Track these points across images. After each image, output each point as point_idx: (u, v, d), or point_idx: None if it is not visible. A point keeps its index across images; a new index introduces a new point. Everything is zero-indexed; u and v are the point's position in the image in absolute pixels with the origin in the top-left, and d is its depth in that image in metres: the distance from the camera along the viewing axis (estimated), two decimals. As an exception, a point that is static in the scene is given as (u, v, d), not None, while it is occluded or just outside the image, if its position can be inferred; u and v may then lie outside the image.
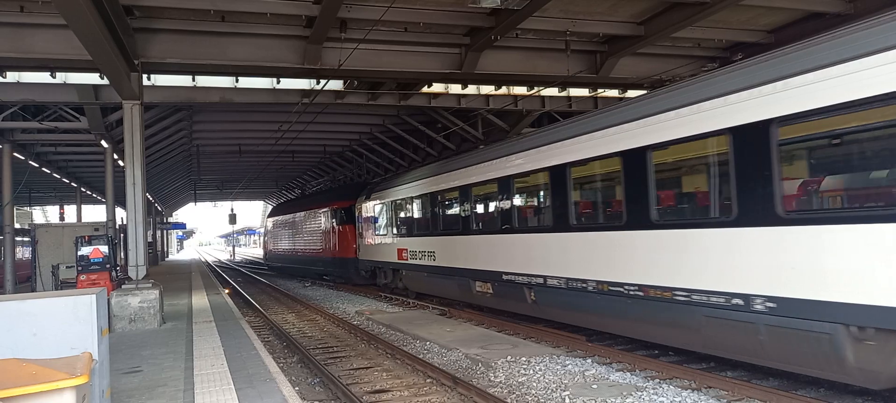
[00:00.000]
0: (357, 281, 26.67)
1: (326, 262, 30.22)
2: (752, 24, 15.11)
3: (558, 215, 11.59)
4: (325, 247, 30.23)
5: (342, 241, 27.87)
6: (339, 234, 28.22)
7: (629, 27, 14.90)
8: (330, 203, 29.95)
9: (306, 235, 33.89)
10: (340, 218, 28.27)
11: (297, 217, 36.45)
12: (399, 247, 20.24)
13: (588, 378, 9.57)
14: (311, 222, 33.02)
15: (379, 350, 12.81)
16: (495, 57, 15.98)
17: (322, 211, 30.97)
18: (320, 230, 30.90)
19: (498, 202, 13.70)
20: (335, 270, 28.97)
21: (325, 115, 24.51)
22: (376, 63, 15.49)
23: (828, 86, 6.89)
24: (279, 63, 14.99)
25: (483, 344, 11.96)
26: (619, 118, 10.18)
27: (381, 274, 22.95)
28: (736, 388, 8.70)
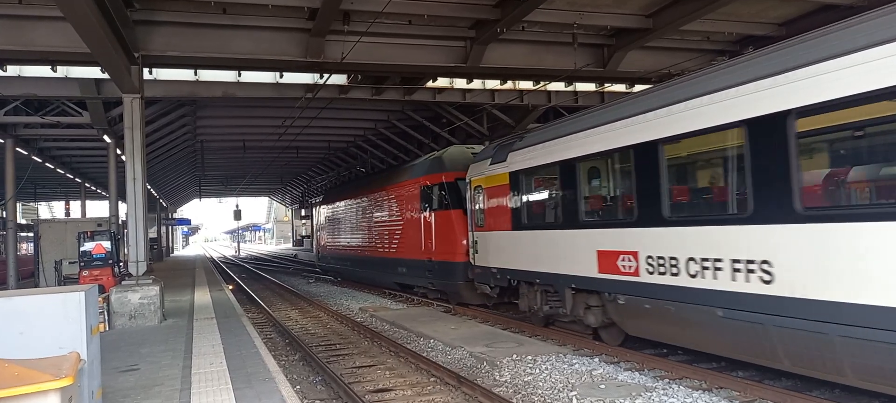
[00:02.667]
0: (470, 299, 16.26)
1: (413, 268, 19.09)
2: (763, 16, 14.82)
3: None
4: (410, 245, 19.29)
5: (442, 236, 17.23)
6: (437, 225, 17.48)
7: (638, 20, 14.64)
8: (418, 178, 18.89)
9: (377, 227, 22.70)
10: (438, 199, 17.58)
11: (361, 202, 24.82)
12: (606, 249, 10.31)
13: (595, 377, 9.34)
14: (383, 208, 21.93)
15: (382, 348, 12.61)
16: (501, 50, 15.74)
17: (403, 190, 20.02)
18: (401, 219, 20.20)
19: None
20: (429, 280, 18.08)
21: (328, 111, 24.33)
22: (380, 56, 15.28)
23: None
24: (282, 56, 14.80)
25: (488, 342, 11.74)
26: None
27: (530, 294, 12.96)
28: (748, 388, 8.47)
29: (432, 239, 17.63)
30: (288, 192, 79.26)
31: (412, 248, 19.02)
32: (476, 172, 15.09)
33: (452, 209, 16.96)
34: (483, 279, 14.82)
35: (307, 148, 37.52)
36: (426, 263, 18.04)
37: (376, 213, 22.78)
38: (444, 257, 17.02)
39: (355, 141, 34.77)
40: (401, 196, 20.16)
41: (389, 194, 21.31)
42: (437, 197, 17.54)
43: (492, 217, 14.18)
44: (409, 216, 19.46)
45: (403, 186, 20.11)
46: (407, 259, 19.61)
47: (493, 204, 14.10)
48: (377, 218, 22.64)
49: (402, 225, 20.02)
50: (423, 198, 18.22)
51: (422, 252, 18.27)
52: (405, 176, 20.45)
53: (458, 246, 16.36)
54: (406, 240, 19.60)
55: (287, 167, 49.70)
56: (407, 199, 19.59)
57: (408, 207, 19.58)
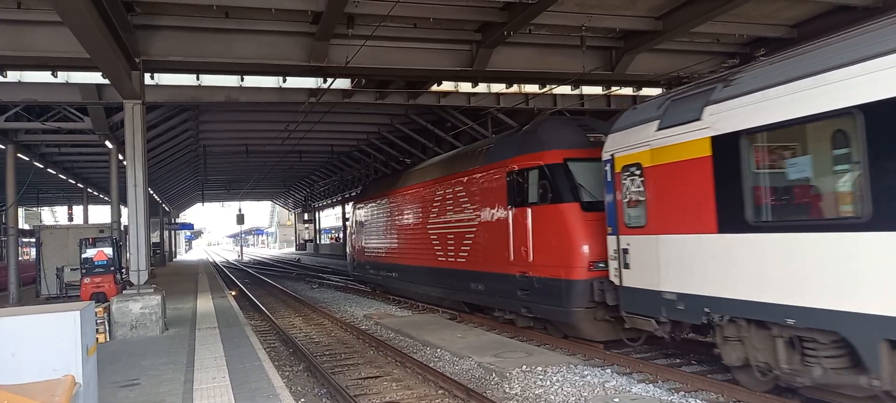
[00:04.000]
0: (594, 334, 11.62)
1: (495, 284, 14.21)
2: (775, 18, 14.55)
3: None
4: (489, 253, 14.43)
5: (547, 241, 12.39)
6: (538, 226, 12.67)
7: (647, 22, 14.39)
8: (501, 161, 14.01)
9: (437, 229, 17.47)
10: (538, 189, 12.66)
11: (412, 198, 19.54)
12: None
13: (608, 390, 9.08)
14: (446, 203, 16.89)
15: (388, 358, 12.36)
16: (507, 54, 15.52)
17: (477, 179, 15.04)
18: (473, 218, 15.20)
19: None
20: (523, 303, 13.11)
21: (332, 115, 24.11)
22: (384, 60, 15.06)
23: None
24: (285, 61, 14.58)
25: (496, 352, 11.49)
26: None
27: (757, 342, 8.22)
28: (766, 402, 8.20)
29: (528, 246, 12.60)
30: (291, 196, 79.14)
31: (493, 257, 14.03)
32: (627, 143, 10.08)
33: (564, 202, 11.79)
34: (643, 307, 9.80)
35: (310, 152, 37.31)
36: (518, 279, 12.94)
37: (435, 211, 17.45)
38: (551, 271, 11.94)
39: (358, 145, 34.56)
40: (473, 187, 15.08)
41: (454, 186, 16.24)
42: (535, 185, 12.56)
43: (664, 212, 9.29)
44: (486, 214, 14.36)
45: (477, 174, 14.92)
46: (484, 271, 14.50)
47: (671, 191, 9.25)
48: (437, 218, 17.31)
49: (476, 227, 14.87)
50: (513, 189, 13.21)
51: (509, 263, 13.27)
52: (479, 160, 15.17)
53: (576, 255, 11.38)
54: (482, 247, 14.56)
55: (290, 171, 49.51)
56: (483, 192, 14.56)
57: (484, 201, 14.45)
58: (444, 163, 18.08)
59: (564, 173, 12.19)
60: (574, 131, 13.00)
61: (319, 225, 75.22)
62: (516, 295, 13.25)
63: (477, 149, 16.25)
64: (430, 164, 19.60)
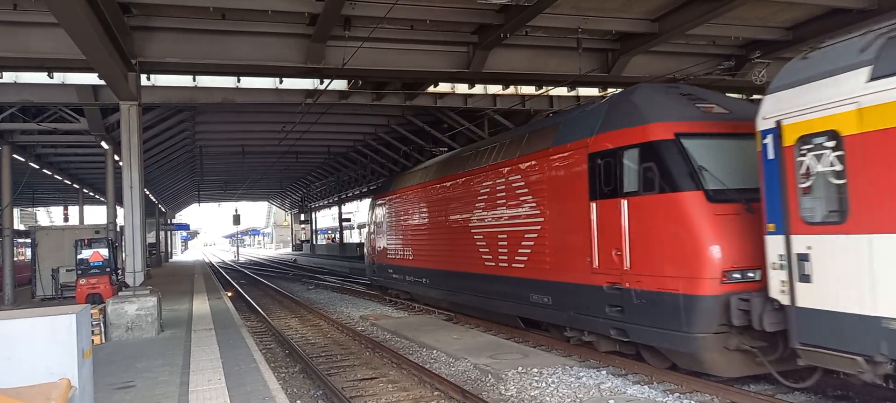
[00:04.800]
0: (725, 368, 8.80)
1: (567, 297, 11.43)
2: (771, 20, 14.61)
3: None
4: (557, 257, 11.76)
5: (652, 243, 9.49)
6: (637, 223, 9.75)
7: (643, 24, 14.44)
8: (576, 141, 11.22)
9: (481, 227, 14.58)
10: (639, 174, 9.74)
11: (450, 190, 16.44)
12: None
13: (604, 391, 9.12)
14: (493, 196, 14.07)
15: (384, 359, 12.37)
16: (504, 55, 15.55)
17: (538, 165, 12.33)
18: (534, 214, 12.43)
19: None
20: (614, 322, 10.23)
21: (329, 116, 24.11)
22: (381, 62, 15.07)
23: None
24: (282, 62, 14.59)
25: (492, 353, 11.51)
26: None
27: None
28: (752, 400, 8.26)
29: (623, 249, 9.74)
30: (287, 197, 79.08)
31: (566, 263, 11.23)
32: (807, 104, 7.39)
33: (681, 190, 8.99)
34: (840, 340, 7.01)
35: (307, 152, 37.32)
36: (605, 292, 10.16)
37: (481, 206, 14.42)
38: (661, 283, 9.13)
39: (355, 146, 34.59)
40: (536, 176, 12.16)
41: (509, 175, 13.15)
42: (634, 170, 9.64)
43: (887, 200, 6.59)
44: (556, 209, 11.56)
45: (541, 160, 11.99)
46: (552, 281, 11.68)
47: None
48: (484, 214, 14.26)
49: (541, 225, 11.98)
50: (598, 176, 10.31)
51: (592, 270, 10.48)
52: (543, 142, 12.09)
53: (702, 261, 8.59)
54: (550, 250, 11.73)
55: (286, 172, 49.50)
56: (551, 181, 11.68)
57: (553, 193, 11.63)
58: (493, 149, 14.54)
59: (679, 152, 9.15)
60: (677, 99, 10.17)
61: (316, 226, 75.16)
62: (602, 313, 10.27)
63: (539, 128, 12.93)
64: (472, 151, 15.93)
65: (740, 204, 8.77)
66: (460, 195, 15.79)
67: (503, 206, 13.59)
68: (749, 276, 8.54)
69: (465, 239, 15.39)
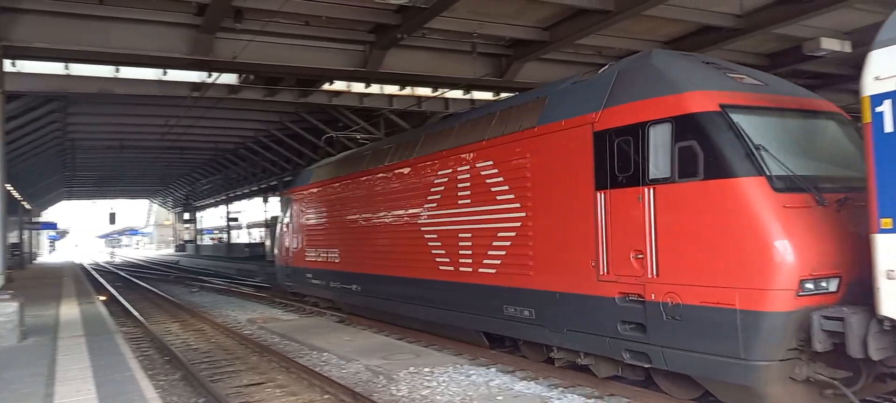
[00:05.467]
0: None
1: (557, 309, 9.20)
2: (653, 34, 15.55)
3: None
4: (546, 260, 9.44)
5: (689, 241, 7.34)
6: (669, 218, 7.57)
7: (535, 32, 14.96)
8: (577, 116, 8.92)
9: (448, 226, 11.74)
10: (666, 157, 7.62)
11: (408, 175, 13.19)
12: None
13: (492, 388, 9.32)
14: (474, 187, 11.04)
15: (272, 364, 12.00)
16: (401, 56, 15.60)
17: (521, 148, 9.89)
18: (522, 211, 9.89)
19: None
20: (627, 341, 8.11)
21: (217, 110, 23.19)
22: (275, 57, 14.68)
23: None
24: (167, 53, 13.88)
25: (385, 354, 11.47)
26: None
27: None
28: (638, 395, 8.72)
29: (646, 250, 7.75)
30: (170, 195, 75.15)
31: (558, 268, 9.17)
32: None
33: (736, 175, 7.03)
34: None
35: (192, 148, 35.66)
36: (617, 306, 8.17)
37: (436, 199, 12.01)
38: (704, 296, 7.18)
39: (245, 142, 33.48)
40: (514, 161, 10.00)
41: (473, 162, 10.93)
42: (664, 150, 7.64)
43: None
44: (541, 201, 9.49)
45: (521, 142, 9.83)
46: (534, 290, 9.60)
47: None
48: (440, 210, 11.90)
49: (521, 221, 9.82)
50: (607, 159, 8.30)
51: (597, 278, 8.44)
52: (522, 121, 10.02)
53: (770, 268, 6.69)
54: (535, 252, 9.57)
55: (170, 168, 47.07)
56: (536, 167, 9.55)
57: (534, 181, 9.58)
58: (450, 131, 11.99)
59: (730, 128, 7.21)
60: (704, 66, 8.37)
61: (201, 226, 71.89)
62: (611, 330, 8.25)
63: (514, 105, 10.57)
64: (422, 135, 13.25)
65: (810, 194, 6.92)
66: (407, 186, 13.02)
67: (467, 200, 11.13)
68: (823, 287, 6.66)
69: (413, 238, 12.72)
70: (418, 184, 12.69)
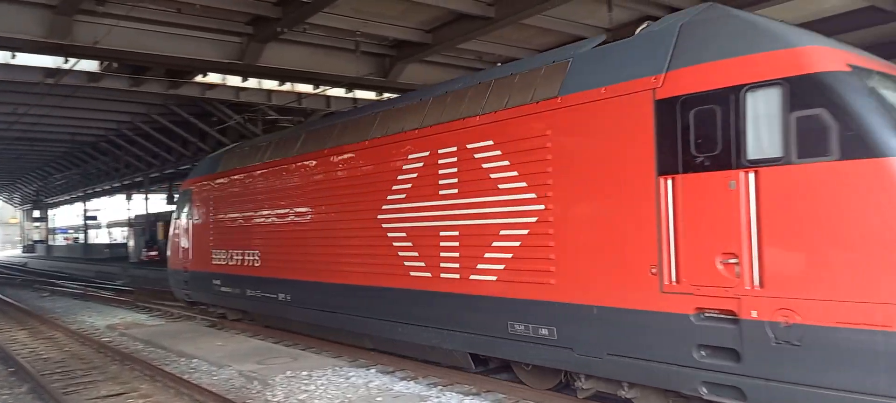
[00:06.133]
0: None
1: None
2: (528, 42, 16.15)
3: None
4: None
5: (822, 240, 5.58)
6: (783, 208, 5.81)
7: (418, 34, 15.09)
8: (642, 79, 6.81)
9: (423, 222, 9.41)
10: (776, 131, 5.88)
11: (363, 159, 10.70)
12: None
13: (372, 389, 9.28)
14: (465, 173, 8.76)
15: (135, 372, 11.22)
16: (281, 50, 15.19)
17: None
18: (540, 201, 7.69)
19: None
20: (715, 369, 6.19)
21: (75, 99, 21.41)
22: (141, 45, 13.80)
23: None
24: (16, 34, 12.66)
25: (259, 359, 11.09)
26: None
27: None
28: (513, 391, 9.01)
29: (743, 253, 6.03)
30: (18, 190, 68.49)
31: (589, 274, 7.26)
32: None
33: (890, 154, 5.37)
34: None
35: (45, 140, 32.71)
36: (689, 325, 6.38)
37: (402, 187, 9.82)
38: (843, 314, 5.48)
39: (107, 135, 31.21)
40: (523, 140, 8.04)
41: (459, 141, 8.94)
42: (774, 122, 5.95)
43: None
44: (567, 188, 7.51)
45: (533, 115, 7.94)
46: (558, 302, 7.58)
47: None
48: (410, 200, 9.68)
49: (539, 214, 7.77)
50: (677, 134, 6.51)
51: (657, 287, 6.61)
52: (535, 88, 8.08)
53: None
54: (550, 252, 7.65)
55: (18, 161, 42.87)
56: (557, 146, 7.66)
57: (559, 164, 7.61)
58: (419, 107, 9.92)
59: (870, 93, 5.76)
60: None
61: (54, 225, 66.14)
62: (683, 357, 6.42)
63: (520, 71, 8.56)
64: (378, 114, 10.86)
65: None
66: (361, 174, 10.75)
67: (451, 189, 8.98)
68: None
69: (369, 238, 10.42)
70: (377, 170, 10.35)
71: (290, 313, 12.68)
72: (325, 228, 11.59)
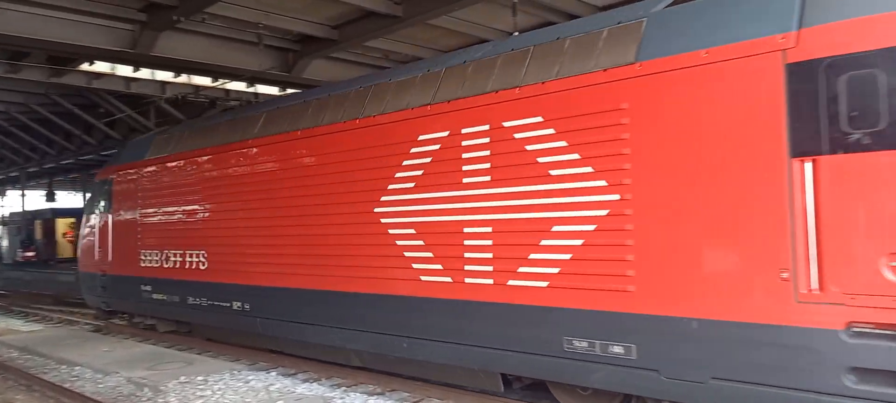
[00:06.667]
0: None
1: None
2: (436, 43, 16.24)
3: None
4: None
5: None
6: None
7: (324, 30, 14.85)
8: (755, 35, 5.60)
9: (454, 215, 7.70)
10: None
11: (365, 137, 8.79)
12: None
13: (273, 392, 9.04)
14: (510, 154, 7.16)
15: (9, 382, 10.36)
16: (177, 40, 14.52)
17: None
18: (623, 185, 6.24)
19: None
20: None
21: (-62, 85, 19.46)
22: (19, 28, 12.82)
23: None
24: None
25: (150, 364, 10.52)
26: None
27: None
28: (416, 389, 9.05)
29: None
30: None
31: (685, 279, 5.90)
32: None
33: None
34: None
35: None
36: (839, 343, 5.12)
37: (409, 174, 8.26)
38: None
39: (-23, 125, 28.56)
40: (588, 115, 6.57)
41: (493, 117, 7.35)
42: None
43: None
44: (651, 173, 6.15)
45: (602, 87, 6.53)
46: (631, 314, 6.26)
47: None
48: (418, 195, 8.15)
49: (612, 206, 6.38)
50: (820, 105, 5.29)
51: (791, 297, 5.33)
52: (596, 54, 6.69)
53: None
54: (629, 251, 6.25)
55: None
56: (636, 123, 6.26)
57: (640, 144, 6.24)
58: (429, 80, 8.33)
59: None
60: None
61: None
62: (831, 383, 5.21)
63: (567, 36, 7.20)
64: (369, 87, 9.21)
65: None
66: (351, 159, 9.09)
67: (482, 176, 7.44)
68: None
69: (363, 235, 8.80)
70: (373, 155, 8.75)
71: (249, 324, 10.75)
72: (298, 225, 9.77)
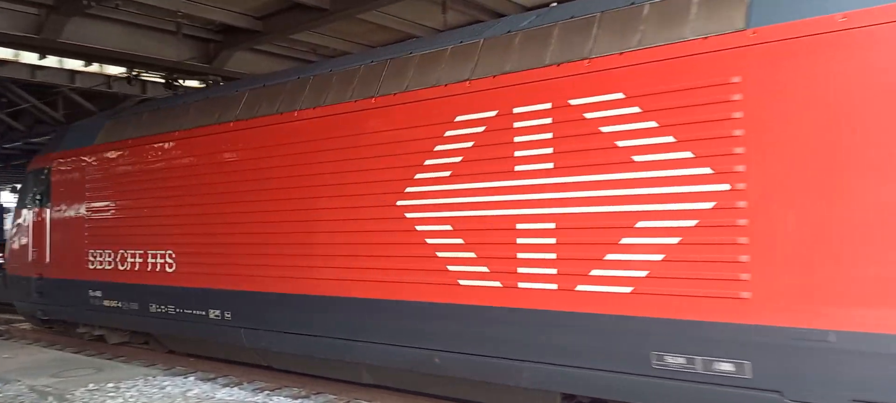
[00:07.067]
0: None
1: None
2: (366, 38, 15.98)
3: None
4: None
5: None
6: None
7: (248, 20, 14.35)
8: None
9: (505, 206, 6.64)
10: None
11: (390, 118, 7.64)
12: None
13: (191, 399, 8.65)
14: (580, 138, 6.23)
15: None
16: (88, 27, 13.70)
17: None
18: (740, 176, 5.33)
19: None
20: None
21: None
22: None
23: None
24: None
25: (56, 371, 9.88)
26: None
27: None
28: (343, 391, 8.93)
29: None
30: None
31: (839, 282, 4.92)
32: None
33: None
34: None
35: None
36: None
37: (442, 167, 7.17)
38: None
39: None
40: (686, 93, 5.65)
41: (558, 98, 6.36)
42: None
43: None
44: (787, 159, 5.17)
45: (711, 59, 5.53)
46: (744, 325, 5.30)
47: None
48: (453, 186, 7.08)
49: (718, 199, 5.45)
50: None
51: None
52: (705, 19, 5.69)
53: None
54: (731, 253, 5.38)
55: None
56: (754, 103, 5.34)
57: (749, 128, 5.37)
58: (465, 52, 7.34)
59: None
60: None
61: None
62: None
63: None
64: (386, 62, 8.19)
65: None
66: (367, 143, 7.86)
67: (541, 161, 6.44)
68: None
69: (383, 231, 7.66)
70: (397, 139, 7.59)
71: (231, 335, 9.54)
72: (297, 221, 8.63)
